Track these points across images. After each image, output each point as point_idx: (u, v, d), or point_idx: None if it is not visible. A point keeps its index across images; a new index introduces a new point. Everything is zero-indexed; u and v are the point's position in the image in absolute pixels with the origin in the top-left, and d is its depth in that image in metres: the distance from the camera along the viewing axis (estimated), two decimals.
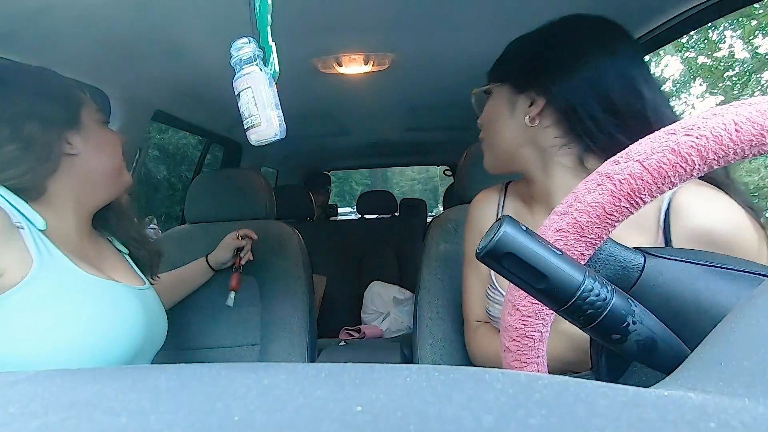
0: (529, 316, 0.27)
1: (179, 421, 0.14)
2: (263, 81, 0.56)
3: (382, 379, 0.16)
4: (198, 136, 1.88)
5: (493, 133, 0.67)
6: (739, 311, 0.20)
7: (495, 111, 0.65)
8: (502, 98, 0.64)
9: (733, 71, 6.72)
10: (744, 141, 0.21)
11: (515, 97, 0.62)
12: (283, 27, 0.56)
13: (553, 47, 0.59)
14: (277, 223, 1.24)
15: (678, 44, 6.46)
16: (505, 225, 0.24)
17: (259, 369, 0.18)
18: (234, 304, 1.09)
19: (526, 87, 0.61)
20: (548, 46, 0.60)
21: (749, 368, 0.16)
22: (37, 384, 0.19)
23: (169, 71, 1.14)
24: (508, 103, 0.63)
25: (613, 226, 0.24)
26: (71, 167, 0.66)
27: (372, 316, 2.02)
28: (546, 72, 0.59)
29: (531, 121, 0.60)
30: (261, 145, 0.57)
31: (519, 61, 0.63)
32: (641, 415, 0.13)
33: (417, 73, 1.28)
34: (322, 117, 1.81)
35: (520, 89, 0.62)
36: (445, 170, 3.38)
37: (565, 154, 0.60)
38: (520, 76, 0.62)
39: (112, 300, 0.65)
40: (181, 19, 0.86)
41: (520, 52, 0.64)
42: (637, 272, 0.27)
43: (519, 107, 0.62)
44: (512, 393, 0.15)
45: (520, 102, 0.62)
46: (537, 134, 0.61)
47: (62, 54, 0.92)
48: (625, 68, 0.55)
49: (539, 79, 0.59)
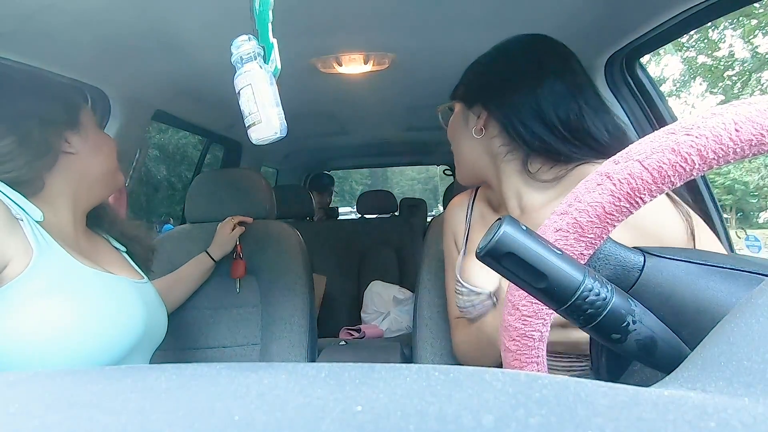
0: (529, 315, 0.27)
1: (179, 421, 0.14)
2: (264, 79, 0.56)
3: (382, 378, 0.16)
4: (198, 135, 1.88)
5: (456, 146, 0.76)
6: (739, 311, 0.20)
7: (454, 125, 0.75)
8: (458, 114, 0.74)
9: (733, 70, 6.71)
10: (744, 140, 0.21)
11: (467, 113, 0.72)
12: (282, 26, 0.56)
13: (490, 66, 0.70)
14: (278, 222, 1.24)
15: (678, 44, 6.45)
16: (505, 225, 0.24)
17: (259, 369, 0.18)
18: (238, 291, 1.12)
19: (473, 103, 0.70)
20: (487, 65, 0.71)
21: (749, 368, 0.16)
22: (37, 384, 0.19)
23: (169, 70, 1.14)
24: (462, 118, 0.73)
25: (613, 226, 0.24)
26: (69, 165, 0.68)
27: (372, 316, 2.02)
28: (486, 89, 0.69)
29: (478, 132, 0.69)
30: (262, 143, 0.57)
31: (468, 81, 0.73)
32: (641, 415, 0.13)
33: (417, 72, 1.28)
34: (322, 116, 1.81)
35: (469, 105, 0.71)
36: (445, 170, 3.37)
37: (511, 159, 0.68)
38: (468, 93, 0.72)
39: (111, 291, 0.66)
40: (181, 17, 0.85)
41: (470, 73, 0.73)
42: (637, 272, 0.27)
43: (470, 121, 0.71)
44: (512, 392, 0.15)
45: (470, 116, 0.71)
46: (486, 144, 0.70)
47: (62, 53, 0.92)
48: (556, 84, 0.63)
49: (482, 96, 0.69)
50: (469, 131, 0.70)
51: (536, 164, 0.66)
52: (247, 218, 1.16)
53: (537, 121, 0.63)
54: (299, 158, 2.91)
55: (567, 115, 0.62)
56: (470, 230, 0.79)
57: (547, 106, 0.62)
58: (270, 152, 2.45)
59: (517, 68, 0.66)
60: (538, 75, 0.64)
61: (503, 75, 0.67)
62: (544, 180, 0.65)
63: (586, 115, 0.62)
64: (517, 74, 0.66)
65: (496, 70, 0.69)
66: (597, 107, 0.64)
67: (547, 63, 0.65)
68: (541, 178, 0.66)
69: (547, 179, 0.65)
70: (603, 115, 0.63)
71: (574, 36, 1.01)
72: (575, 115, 0.62)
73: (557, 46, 0.68)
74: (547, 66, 0.65)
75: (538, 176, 0.66)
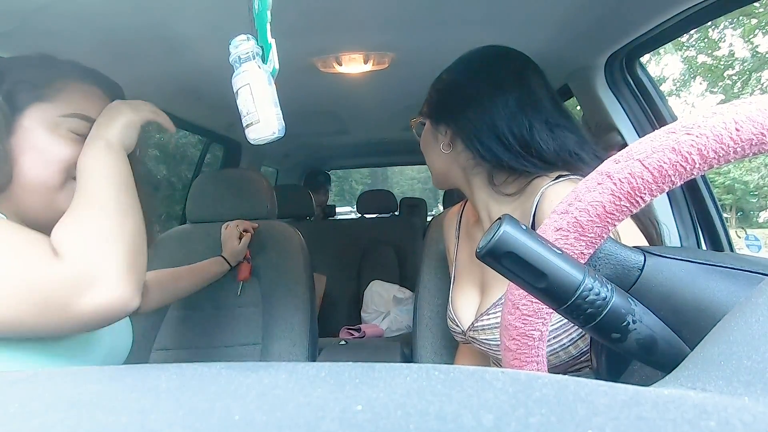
0: (529, 315, 0.27)
1: (179, 421, 0.14)
2: (262, 78, 0.56)
3: (382, 378, 0.16)
4: (198, 135, 1.88)
5: (428, 159, 0.78)
6: (739, 310, 0.20)
7: (425, 140, 0.77)
8: (427, 130, 0.76)
9: (733, 70, 6.71)
10: (744, 140, 0.21)
11: (435, 129, 0.74)
12: (283, 26, 0.56)
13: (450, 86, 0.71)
14: (279, 222, 1.24)
15: (678, 43, 6.45)
16: (505, 224, 0.24)
17: (259, 368, 0.18)
18: (240, 294, 1.12)
19: (438, 121, 0.73)
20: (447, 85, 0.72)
21: (749, 367, 0.16)
22: (37, 384, 0.19)
23: (168, 70, 1.14)
24: (431, 134, 0.75)
25: (613, 225, 0.24)
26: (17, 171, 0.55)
27: (372, 316, 2.02)
28: (448, 108, 0.71)
29: (446, 147, 0.72)
30: (259, 143, 0.57)
31: (432, 100, 0.75)
32: (641, 414, 0.13)
33: (417, 72, 1.28)
34: (322, 116, 1.81)
35: (436, 123, 0.73)
36: None
37: (478, 173, 0.70)
38: (433, 113, 0.74)
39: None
40: (180, 17, 0.85)
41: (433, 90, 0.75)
42: (637, 271, 0.27)
43: (438, 137, 0.73)
44: (512, 392, 0.15)
45: (437, 133, 0.73)
46: (455, 158, 0.71)
47: (61, 53, 0.92)
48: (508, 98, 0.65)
49: (444, 115, 0.71)
50: (438, 146, 0.73)
51: (501, 177, 0.68)
52: (253, 223, 1.16)
53: (492, 138, 0.64)
54: (299, 158, 2.91)
55: (520, 131, 0.63)
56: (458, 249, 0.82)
57: (501, 123, 0.64)
58: (270, 152, 2.45)
59: (473, 86, 0.68)
60: (493, 92, 0.65)
61: (461, 93, 0.69)
62: (507, 193, 0.67)
63: (536, 131, 0.63)
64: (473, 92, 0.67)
65: (455, 89, 0.70)
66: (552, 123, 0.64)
67: (502, 78, 0.66)
68: (505, 191, 0.67)
69: (510, 192, 0.67)
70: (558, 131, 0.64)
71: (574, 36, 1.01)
72: (526, 131, 0.63)
73: (515, 59, 0.70)
74: (502, 82, 0.66)
75: (503, 189, 0.67)
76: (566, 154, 0.63)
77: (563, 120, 0.66)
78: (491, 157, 0.65)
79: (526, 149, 0.63)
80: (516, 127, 0.64)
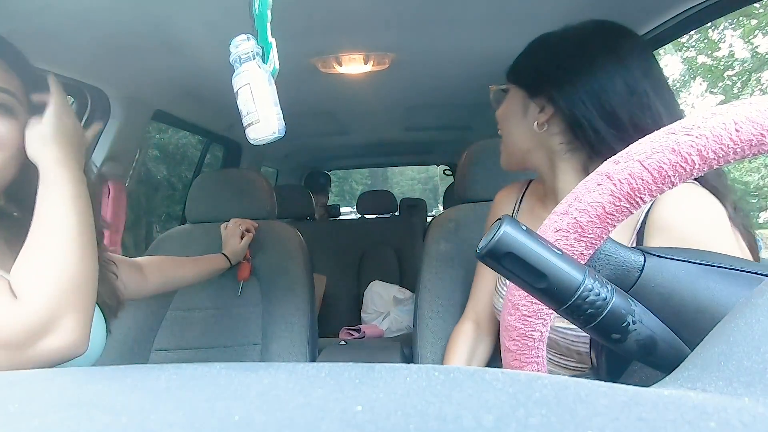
0: (529, 315, 0.27)
1: (179, 421, 0.14)
2: (262, 78, 0.56)
3: (382, 378, 0.16)
4: (198, 135, 1.88)
5: (506, 132, 0.68)
6: (739, 311, 0.20)
7: (509, 111, 0.67)
8: (516, 100, 0.65)
9: (733, 70, 6.71)
10: (744, 140, 0.21)
11: (527, 102, 0.64)
12: (283, 26, 0.56)
13: (562, 56, 0.60)
14: (279, 223, 1.24)
15: (678, 44, 6.45)
16: (505, 225, 0.24)
17: (259, 368, 0.18)
18: (240, 294, 1.12)
19: (537, 93, 0.62)
20: (558, 54, 0.61)
21: (749, 368, 0.16)
22: (37, 384, 0.19)
23: (169, 70, 1.14)
24: (521, 106, 0.65)
25: (613, 226, 0.24)
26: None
27: (372, 316, 2.02)
28: (554, 81, 0.60)
29: (539, 127, 0.62)
30: (259, 143, 0.57)
31: (532, 66, 0.64)
32: (641, 415, 0.13)
33: (417, 72, 1.28)
34: (322, 116, 1.81)
35: (532, 95, 0.63)
36: (445, 170, 3.38)
37: (571, 159, 0.61)
38: (531, 82, 0.63)
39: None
40: (180, 17, 0.85)
41: (534, 56, 0.64)
42: (637, 272, 0.27)
43: (530, 112, 0.63)
44: (512, 392, 0.15)
45: (531, 107, 0.63)
46: (546, 139, 0.63)
47: (62, 53, 0.92)
48: (633, 80, 0.55)
49: (548, 88, 0.60)
50: (528, 122, 0.63)
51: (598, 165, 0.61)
52: (253, 222, 1.16)
53: (609, 125, 0.55)
54: (299, 158, 2.92)
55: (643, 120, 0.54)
56: None
57: (621, 110, 0.55)
58: (270, 152, 2.45)
59: (592, 61, 0.57)
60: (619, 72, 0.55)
61: (577, 67, 0.58)
62: None
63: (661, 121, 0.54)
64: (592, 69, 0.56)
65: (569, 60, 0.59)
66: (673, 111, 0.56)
67: (626, 58, 0.56)
68: None
69: None
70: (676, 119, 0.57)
71: None
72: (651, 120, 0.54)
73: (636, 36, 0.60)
74: (626, 61, 0.56)
75: None
76: None
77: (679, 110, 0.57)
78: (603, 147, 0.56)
79: None
80: (641, 116, 0.54)
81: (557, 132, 0.61)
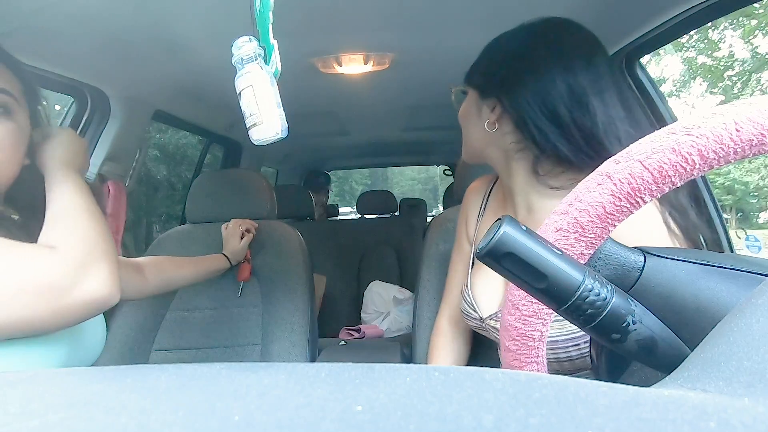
0: (529, 315, 0.27)
1: (179, 421, 0.14)
2: (265, 80, 0.56)
3: (382, 379, 0.16)
4: (198, 135, 1.88)
5: (465, 131, 0.71)
6: (739, 311, 0.20)
7: (466, 112, 0.70)
8: (472, 101, 0.68)
9: (733, 71, 6.71)
10: (744, 140, 0.21)
11: (481, 103, 0.66)
12: (283, 27, 0.56)
13: (509, 57, 0.63)
14: (279, 223, 1.24)
15: (678, 44, 6.45)
16: (505, 225, 0.24)
17: (259, 369, 0.18)
18: (240, 294, 1.12)
19: (487, 95, 0.65)
20: (506, 55, 0.63)
21: (749, 368, 0.16)
22: (37, 384, 0.19)
23: (169, 70, 1.14)
24: (476, 107, 0.67)
25: (613, 226, 0.24)
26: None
27: (372, 316, 2.02)
28: (501, 82, 0.62)
29: (490, 126, 0.65)
30: (263, 144, 0.57)
31: (483, 68, 0.67)
32: (641, 415, 0.13)
33: (417, 72, 1.28)
34: (322, 116, 1.81)
35: (483, 96, 0.66)
36: (445, 170, 3.38)
37: (521, 158, 0.63)
38: (483, 83, 0.66)
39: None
40: (181, 18, 0.85)
41: (486, 57, 0.67)
42: (637, 272, 0.27)
43: (483, 112, 0.66)
44: (512, 392, 0.15)
45: (484, 108, 0.66)
46: (498, 138, 0.65)
47: (62, 53, 0.92)
48: (573, 79, 0.57)
49: (496, 89, 0.63)
50: (482, 122, 0.66)
51: (547, 166, 0.61)
52: (253, 222, 1.16)
53: (552, 124, 0.57)
54: (299, 158, 2.92)
55: (583, 120, 0.56)
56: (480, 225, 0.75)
57: (563, 109, 0.57)
58: (270, 152, 2.45)
59: (537, 61, 0.59)
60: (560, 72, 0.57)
61: (520, 66, 0.60)
62: (553, 186, 0.61)
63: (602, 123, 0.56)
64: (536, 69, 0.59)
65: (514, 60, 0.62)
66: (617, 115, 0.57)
67: (571, 58, 0.58)
68: (551, 183, 0.61)
69: (556, 185, 0.61)
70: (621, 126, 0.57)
71: None
72: (591, 122, 0.56)
73: (586, 37, 0.61)
74: (571, 61, 0.58)
75: (548, 180, 0.61)
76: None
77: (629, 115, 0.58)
78: (547, 146, 0.58)
79: (589, 141, 0.56)
80: (580, 115, 0.56)
81: (508, 131, 0.63)
